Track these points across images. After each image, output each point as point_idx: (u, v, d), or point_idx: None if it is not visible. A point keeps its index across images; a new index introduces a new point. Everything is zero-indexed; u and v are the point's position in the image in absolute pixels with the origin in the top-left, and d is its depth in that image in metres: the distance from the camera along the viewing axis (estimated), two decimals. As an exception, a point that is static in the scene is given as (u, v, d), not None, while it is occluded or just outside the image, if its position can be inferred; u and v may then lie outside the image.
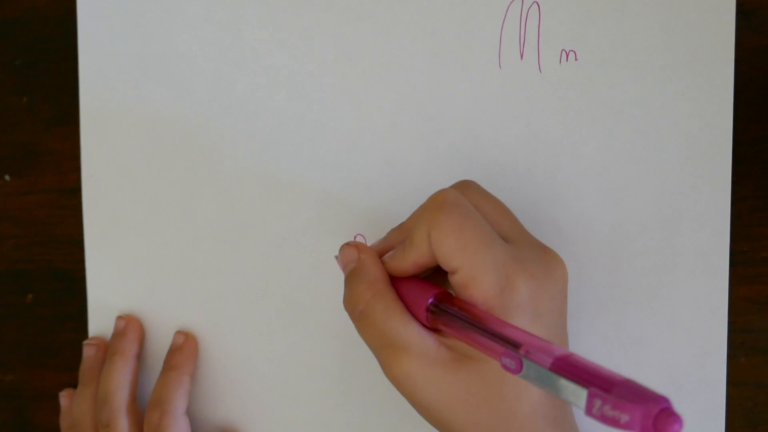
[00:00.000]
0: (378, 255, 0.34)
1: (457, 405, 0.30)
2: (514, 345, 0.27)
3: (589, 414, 0.23)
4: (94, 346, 0.43)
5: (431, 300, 0.31)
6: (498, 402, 0.30)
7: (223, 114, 0.41)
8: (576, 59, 0.36)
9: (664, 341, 0.36)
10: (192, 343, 0.42)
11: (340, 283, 0.35)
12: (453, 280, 0.31)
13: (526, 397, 0.30)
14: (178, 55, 0.42)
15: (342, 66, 0.39)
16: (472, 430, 0.31)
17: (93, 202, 0.44)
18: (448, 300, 0.31)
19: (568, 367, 0.25)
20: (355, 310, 0.33)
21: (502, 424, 0.30)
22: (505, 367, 0.27)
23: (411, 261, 0.32)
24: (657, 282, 0.36)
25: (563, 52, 0.36)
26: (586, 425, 0.33)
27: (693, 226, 0.35)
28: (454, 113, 0.38)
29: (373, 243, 0.35)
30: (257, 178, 0.41)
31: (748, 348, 0.36)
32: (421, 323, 0.32)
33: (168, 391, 0.41)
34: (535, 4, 0.36)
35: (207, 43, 0.41)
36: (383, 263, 0.34)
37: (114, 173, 0.43)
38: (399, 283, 0.33)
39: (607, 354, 0.37)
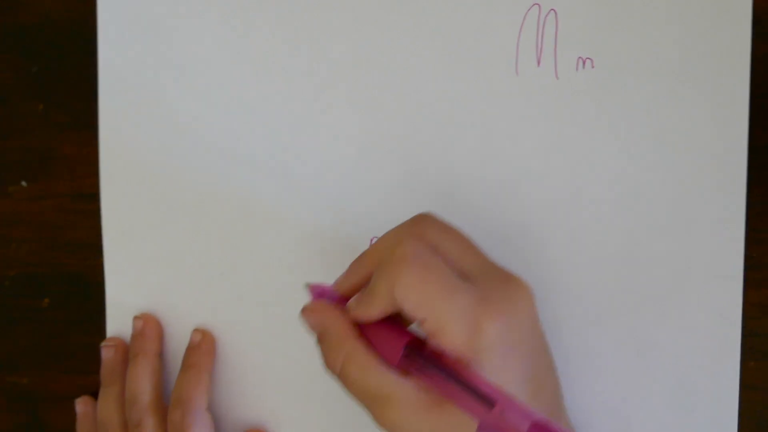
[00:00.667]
0: (341, 298, 0.35)
1: None
2: (488, 402, 0.28)
3: None
4: (112, 347, 0.44)
5: (402, 351, 0.32)
6: None
7: (240, 116, 0.42)
8: (593, 67, 0.36)
9: (676, 346, 0.36)
10: (209, 341, 0.43)
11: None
12: (422, 329, 0.31)
13: None
14: (195, 58, 0.42)
15: (359, 71, 0.40)
16: None
17: (111, 203, 0.44)
18: (420, 348, 0.32)
19: None
20: (334, 373, 0.33)
21: None
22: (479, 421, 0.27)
23: (377, 311, 0.33)
24: (670, 287, 0.36)
25: (580, 59, 0.37)
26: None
27: (707, 231, 0.36)
28: (470, 119, 0.38)
29: (338, 278, 0.36)
30: (274, 179, 0.41)
31: (757, 352, 0.37)
32: (395, 367, 0.32)
33: (188, 390, 0.41)
34: (553, 11, 0.37)
35: (224, 46, 0.42)
36: (350, 310, 0.34)
37: (132, 174, 0.44)
38: (369, 329, 0.34)
39: (620, 358, 0.37)
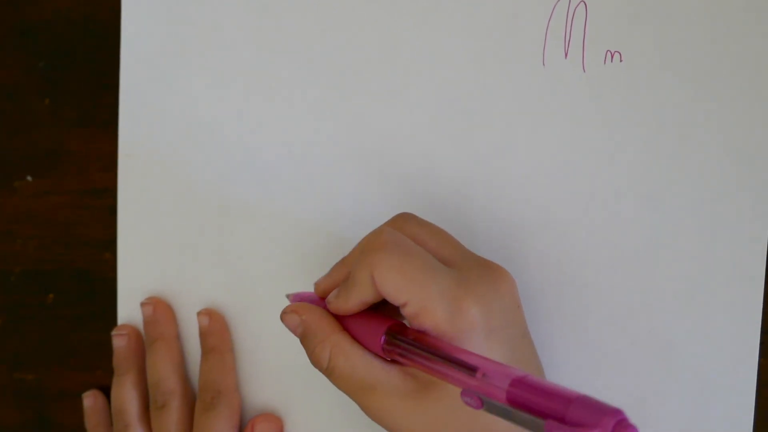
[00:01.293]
0: (322, 296, 0.36)
1: (436, 429, 0.31)
2: (470, 369, 0.28)
3: None
4: (124, 336, 0.44)
5: (383, 336, 0.32)
6: (471, 422, 0.31)
7: (260, 102, 0.42)
8: (621, 60, 0.36)
9: (695, 346, 0.36)
10: (219, 321, 0.43)
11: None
12: (404, 312, 0.32)
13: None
14: (217, 45, 0.42)
15: (385, 60, 0.40)
16: None
17: (127, 185, 0.44)
18: (401, 331, 0.32)
19: (525, 390, 0.26)
20: (321, 369, 0.34)
21: None
22: (468, 404, 0.28)
23: (357, 301, 0.33)
24: (690, 287, 0.36)
25: (608, 52, 0.36)
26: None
27: (730, 231, 0.36)
28: (495, 110, 0.38)
29: (319, 279, 0.36)
30: (293, 166, 0.41)
31: (772, 350, 0.36)
32: (380, 356, 0.33)
33: (213, 375, 0.41)
34: (582, 3, 0.36)
35: (246, 33, 0.42)
36: (328, 303, 0.35)
37: (147, 165, 0.44)
38: (350, 321, 0.34)
39: (638, 357, 0.37)
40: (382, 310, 0.34)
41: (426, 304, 0.31)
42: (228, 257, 0.43)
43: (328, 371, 0.34)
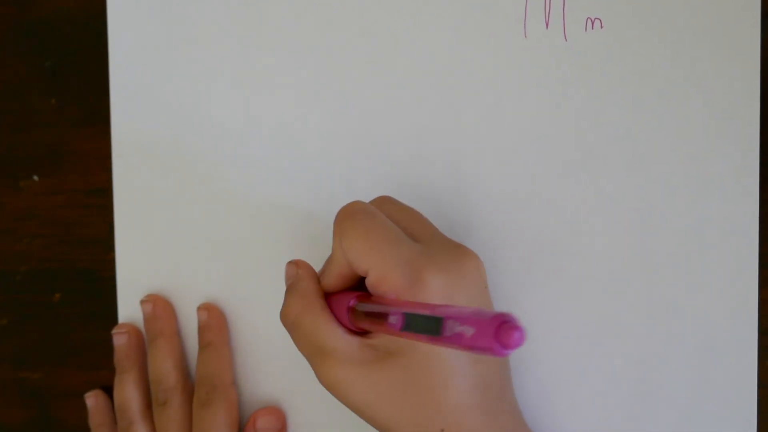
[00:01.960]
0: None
1: (386, 401, 0.32)
2: (436, 321, 0.28)
3: (446, 339, 0.24)
4: (125, 333, 0.44)
5: (351, 303, 0.33)
6: (425, 394, 0.31)
7: (249, 90, 0.42)
8: (602, 27, 0.36)
9: (693, 343, 0.36)
10: (218, 316, 0.43)
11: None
12: (367, 282, 0.32)
13: (452, 388, 0.31)
14: (201, 38, 0.42)
15: (368, 42, 0.40)
16: (402, 424, 0.32)
17: (123, 186, 0.44)
18: (366, 301, 0.32)
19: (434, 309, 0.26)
20: (287, 321, 0.34)
21: (430, 415, 0.31)
22: (391, 326, 0.28)
23: (335, 273, 0.34)
24: (686, 245, 0.36)
25: (588, 20, 0.37)
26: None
27: (720, 188, 0.36)
28: (479, 83, 0.38)
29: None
30: (283, 153, 0.41)
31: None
32: (347, 329, 0.33)
33: (209, 369, 0.41)
34: None
35: (229, 24, 0.42)
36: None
37: (143, 160, 0.44)
38: (330, 298, 0.35)
39: (636, 353, 0.37)
40: (361, 290, 0.35)
41: (386, 271, 0.31)
42: (225, 249, 0.43)
43: (293, 325, 0.34)
